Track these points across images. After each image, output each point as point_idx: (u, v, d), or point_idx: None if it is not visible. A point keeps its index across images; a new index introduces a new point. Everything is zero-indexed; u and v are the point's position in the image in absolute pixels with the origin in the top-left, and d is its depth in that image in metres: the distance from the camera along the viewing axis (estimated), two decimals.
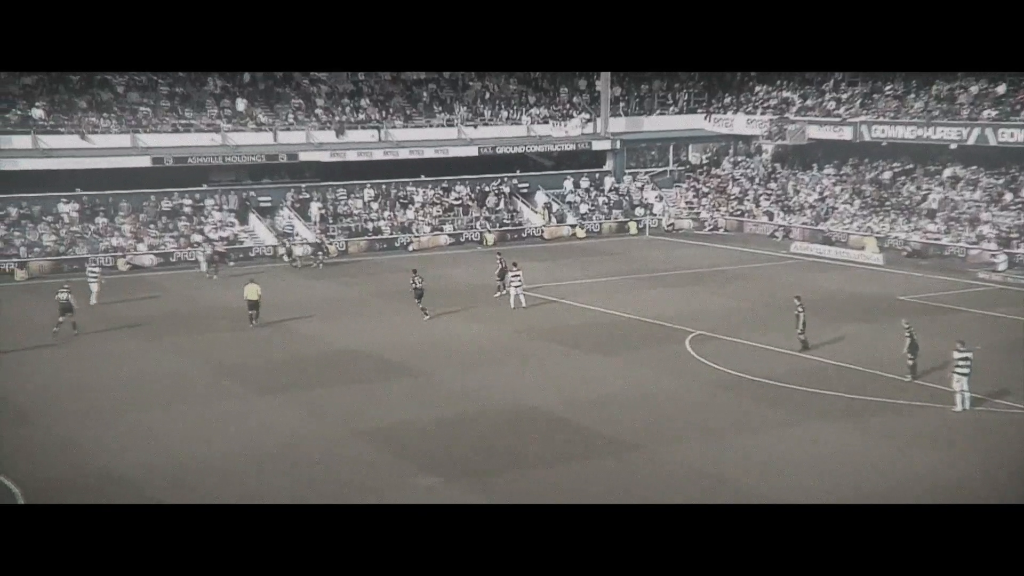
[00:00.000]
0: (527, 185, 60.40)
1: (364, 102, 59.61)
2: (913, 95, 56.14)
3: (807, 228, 54.72)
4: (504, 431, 24.00)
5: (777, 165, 62.61)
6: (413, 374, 29.06)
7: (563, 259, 49.73)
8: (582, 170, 62.47)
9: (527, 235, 56.66)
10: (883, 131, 55.13)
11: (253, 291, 34.89)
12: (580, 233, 57.23)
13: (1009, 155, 50.68)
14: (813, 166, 60.39)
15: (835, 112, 58.62)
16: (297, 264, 46.42)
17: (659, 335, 33.55)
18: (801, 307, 30.86)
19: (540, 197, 59.77)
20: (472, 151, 59.20)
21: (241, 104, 56.46)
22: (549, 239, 56.24)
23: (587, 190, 61.38)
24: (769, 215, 57.79)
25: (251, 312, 34.81)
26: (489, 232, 55.13)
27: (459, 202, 57.62)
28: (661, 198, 61.60)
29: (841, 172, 58.84)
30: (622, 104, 64.34)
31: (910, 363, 27.37)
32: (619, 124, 63.11)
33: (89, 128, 52.11)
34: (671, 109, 65.68)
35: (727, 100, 65.26)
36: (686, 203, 61.53)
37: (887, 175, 56.54)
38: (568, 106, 63.77)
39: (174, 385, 28.01)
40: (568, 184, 61.26)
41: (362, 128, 58.09)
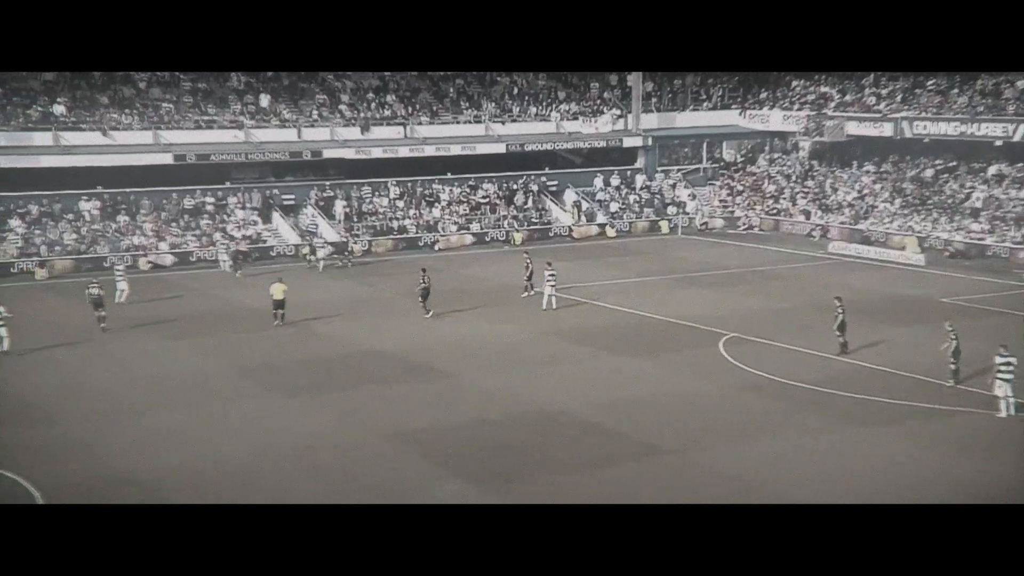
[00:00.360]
0: (556, 183, 60.37)
1: (390, 98, 59.77)
2: (957, 90, 55.60)
3: (845, 227, 54.34)
4: (531, 435, 23.97)
5: (814, 162, 62.22)
6: (438, 376, 29.09)
7: (593, 259, 49.63)
8: (613, 167, 62.36)
9: (555, 234, 56.60)
10: (925, 127, 54.62)
11: (279, 290, 35.05)
12: (610, 232, 57.12)
13: None
14: (852, 163, 59.96)
15: (875, 108, 58.18)
16: (319, 267, 46.26)
17: (692, 337, 33.42)
18: (841, 308, 30.64)
19: (569, 195, 59.70)
20: (500, 148, 59.23)
21: (265, 100, 56.77)
22: (578, 238, 56.18)
23: (618, 188, 61.26)
24: (806, 214, 57.44)
25: (276, 311, 34.97)
26: (517, 231, 55.13)
27: (486, 200, 57.65)
28: (694, 196, 61.38)
29: (881, 170, 58.38)
30: (654, 100, 64.17)
31: (952, 367, 27.09)
32: (651, 120, 62.94)
33: (111, 125, 52.58)
34: (705, 105, 65.42)
35: (763, 95, 64.93)
36: (720, 201, 61.27)
37: (929, 173, 56.03)
38: (599, 102, 63.66)
39: (195, 386, 28.18)
40: (598, 182, 61.15)
41: (387, 124, 58.27)
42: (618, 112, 62.78)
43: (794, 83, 64.21)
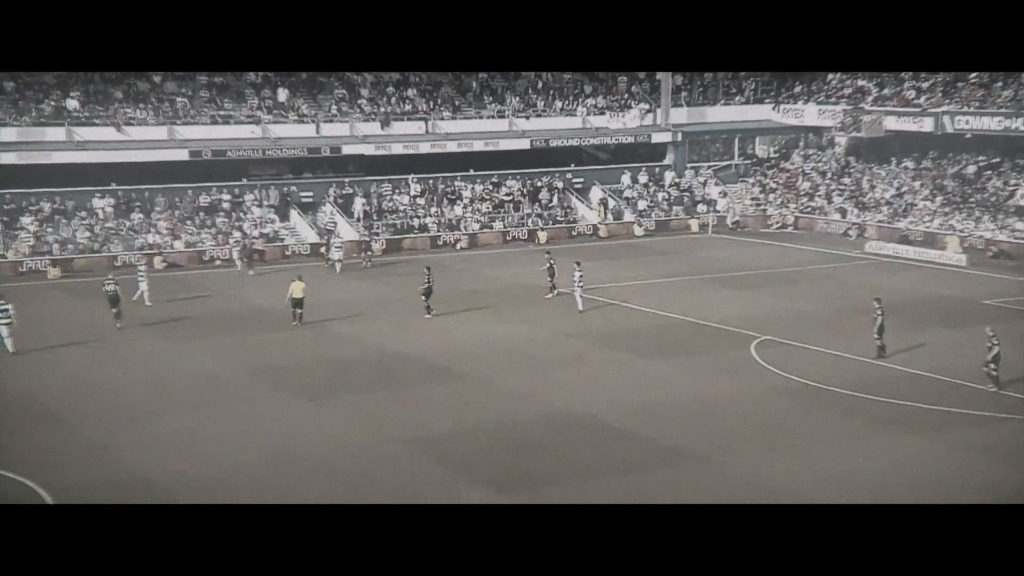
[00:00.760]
0: (582, 180, 60.30)
1: (411, 92, 59.89)
2: (1000, 83, 55.09)
3: (883, 226, 54.02)
4: (555, 439, 23.94)
5: (851, 159, 61.86)
6: (459, 378, 29.11)
7: (620, 258, 49.55)
8: (641, 164, 62.24)
9: (579, 233, 56.51)
10: (967, 122, 54.16)
11: (299, 288, 35.15)
12: (638, 231, 57.00)
13: None
14: (890, 160, 59.57)
15: (915, 102, 57.73)
16: (336, 269, 46.16)
17: (722, 340, 33.30)
18: (880, 311, 30.43)
19: (596, 193, 59.63)
20: (524, 144, 59.22)
21: (282, 94, 56.98)
22: (605, 237, 56.12)
23: (646, 185, 61.12)
24: (842, 212, 57.14)
25: (295, 310, 35.08)
26: (541, 230, 55.10)
27: (510, 198, 57.66)
28: (725, 194, 61.16)
29: (921, 166, 57.96)
30: (684, 94, 63.96)
31: (993, 373, 26.87)
32: (681, 115, 62.76)
33: (125, 120, 52.94)
34: (737, 99, 65.15)
35: (797, 89, 64.60)
36: (752, 199, 61.04)
37: (971, 169, 55.58)
38: (626, 96, 63.53)
39: (210, 387, 28.33)
40: (626, 179, 61.03)
41: (408, 120, 58.36)
42: (646, 107, 62.62)
43: (830, 76, 63.84)
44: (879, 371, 29.29)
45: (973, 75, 56.97)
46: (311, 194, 55.13)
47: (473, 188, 57.61)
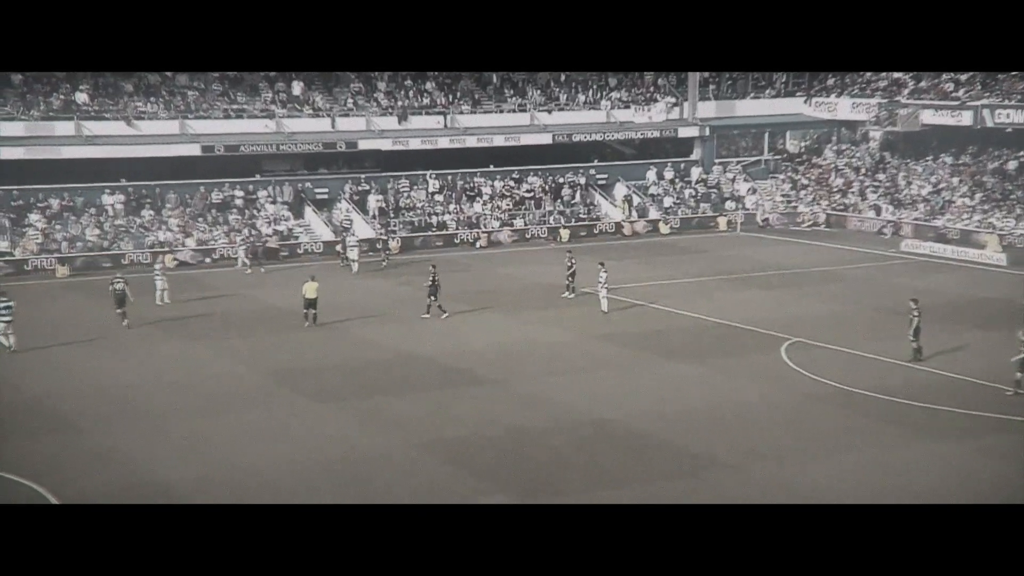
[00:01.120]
0: (606, 176, 60.27)
1: (429, 85, 60.00)
2: None
3: (919, 224, 53.78)
4: (580, 446, 23.92)
5: (886, 154, 61.60)
6: (480, 382, 29.14)
7: (645, 257, 49.49)
8: (667, 160, 62.16)
9: (601, 231, 56.46)
10: (1008, 115, 53.81)
11: (312, 289, 35.24)
12: (664, 229, 56.93)
13: None
14: (927, 155, 59.28)
15: (953, 95, 57.41)
16: (353, 268, 46.16)
17: (751, 342, 33.23)
18: (917, 312, 30.30)
19: (620, 189, 59.59)
20: (546, 139, 59.23)
21: (297, 87, 57.20)
22: (629, 235, 56.07)
23: (672, 182, 61.04)
24: (876, 209, 56.92)
25: (308, 311, 35.18)
26: (564, 227, 55.10)
27: (531, 195, 57.68)
28: (754, 190, 61.00)
29: (959, 162, 57.66)
30: (712, 87, 63.82)
31: (1018, 377, 26.81)
32: (708, 109, 62.64)
33: (135, 114, 53.26)
34: (767, 92, 64.99)
35: (830, 82, 64.35)
36: (782, 196, 60.86)
37: (1012, 165, 55.23)
38: (652, 89, 63.45)
39: (222, 390, 28.47)
40: (651, 175, 60.96)
41: (426, 114, 58.50)
42: (673, 100, 62.52)
43: None
44: (914, 375, 29.17)
45: None
46: (326, 191, 55.30)
47: (493, 185, 57.65)
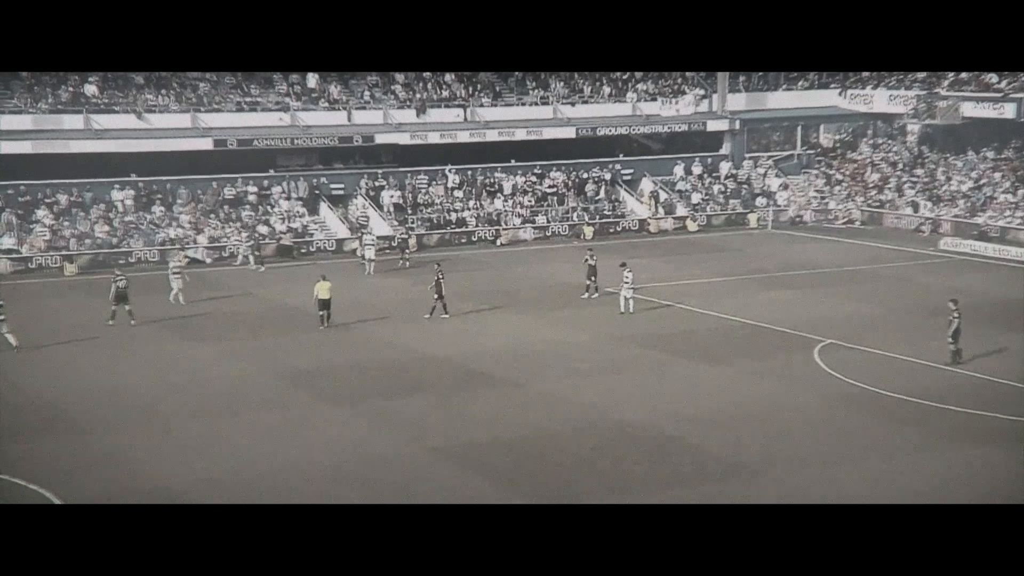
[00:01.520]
0: (631, 171, 60.15)
1: (448, 77, 60.03)
2: None
3: (959, 221, 53.47)
4: (602, 450, 23.89)
5: (924, 148, 61.26)
6: (499, 384, 29.14)
7: (672, 256, 49.39)
8: (695, 154, 61.97)
9: (624, 229, 56.34)
10: None
11: (324, 288, 35.28)
12: (691, 226, 56.77)
13: None
14: (968, 149, 58.89)
15: (995, 86, 56.99)
16: (368, 269, 45.93)
17: (783, 343, 33.13)
18: (957, 313, 30.12)
19: (646, 185, 59.47)
20: (569, 133, 59.18)
21: (312, 80, 57.31)
22: (655, 233, 55.94)
23: (700, 177, 60.87)
24: (914, 206, 56.61)
25: (322, 313, 35.21)
26: (587, 225, 55.03)
27: (554, 190, 57.64)
28: (786, 186, 60.76)
29: (1001, 156, 57.25)
30: (742, 78, 63.53)
31: None
32: (738, 101, 62.41)
33: (146, 107, 53.51)
34: (800, 84, 64.67)
35: (866, 73, 63.98)
36: (816, 192, 60.59)
37: None
38: (680, 81, 63.25)
39: (235, 392, 28.57)
40: (679, 170, 60.81)
41: (446, 107, 58.53)
42: (701, 92, 62.32)
43: None
44: (953, 378, 29.01)
45: None
46: (342, 186, 55.40)
47: (514, 180, 57.62)
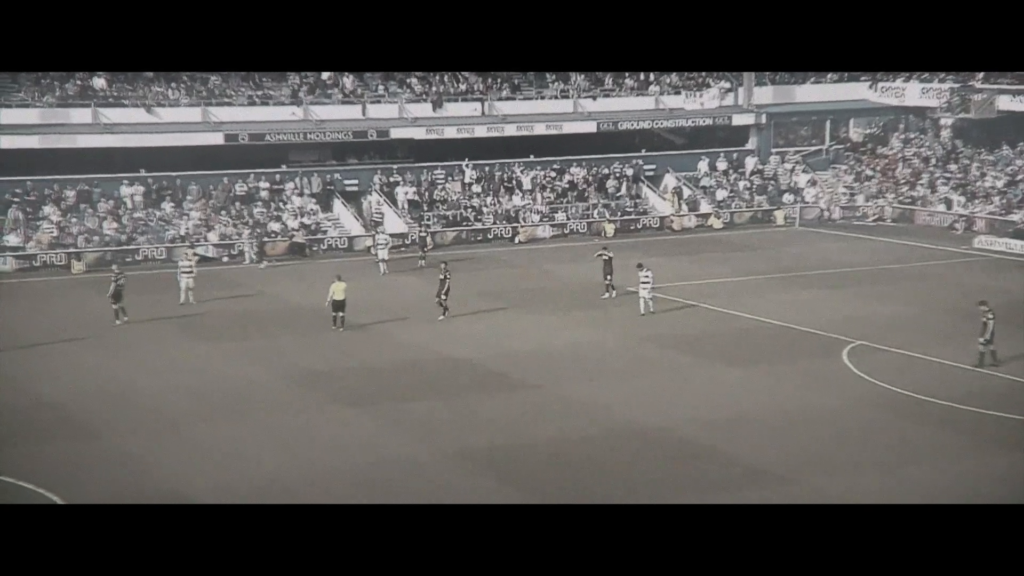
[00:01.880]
0: (654, 167, 59.98)
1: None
2: None
3: (994, 219, 53.20)
4: (623, 455, 23.86)
5: (958, 143, 60.93)
6: (517, 386, 29.11)
7: (696, 254, 49.30)
8: (720, 149, 61.81)
9: (645, 226, 56.21)
10: None
11: (339, 289, 35.16)
12: (716, 223, 56.60)
13: None
14: (1003, 144, 58.54)
15: None
16: (382, 269, 45.51)
17: (811, 345, 33.03)
18: (990, 314, 29.92)
19: (669, 181, 59.30)
20: (590, 127, 59.08)
21: (325, 72, 57.30)
22: (679, 230, 55.80)
23: (725, 173, 60.68)
24: (947, 203, 56.33)
25: (336, 314, 35.11)
26: (609, 222, 54.91)
27: (574, 186, 57.53)
28: (814, 182, 60.52)
29: None
30: (769, 71, 63.29)
31: None
32: (765, 95, 62.16)
33: (155, 100, 53.66)
34: (828, 76, 64.34)
35: None
36: (845, 188, 60.33)
37: None
38: (704, 73, 63.03)
39: (247, 395, 28.60)
40: (703, 166, 60.64)
41: (463, 100, 58.52)
42: (727, 85, 62.11)
43: None
44: (987, 381, 28.86)
45: None
46: (356, 182, 55.41)
47: (533, 176, 57.55)
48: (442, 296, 36.43)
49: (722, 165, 60.94)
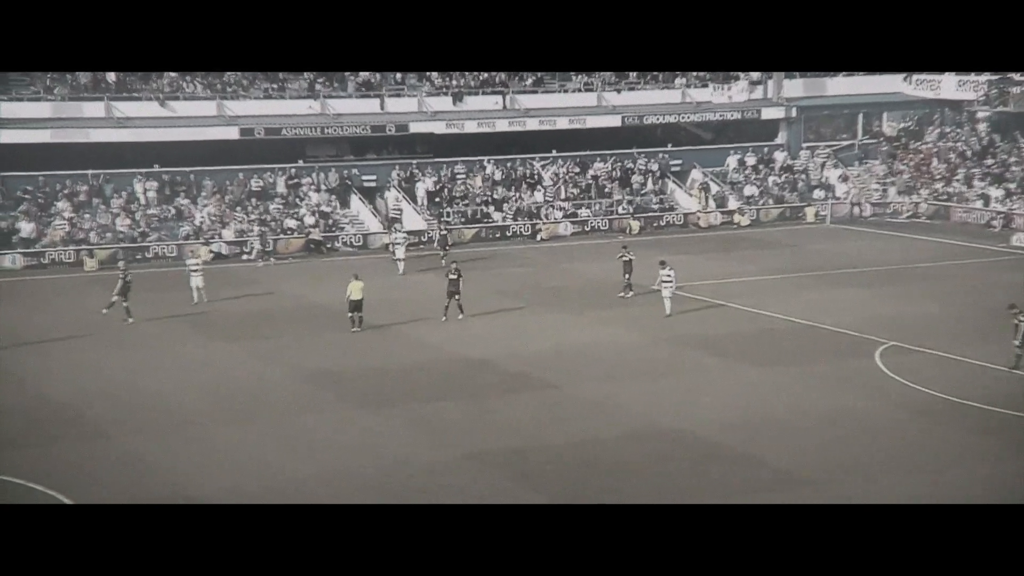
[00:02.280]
0: (680, 162, 59.95)
1: None
2: None
3: None
4: (647, 458, 23.82)
5: (996, 136, 60.57)
6: (538, 387, 29.12)
7: (723, 252, 49.26)
8: (749, 144, 61.66)
9: (668, 223, 56.14)
10: None
11: (357, 288, 35.11)
12: (744, 220, 56.48)
13: None
14: None
15: None
16: (399, 269, 45.30)
17: (841, 346, 32.93)
18: (1021, 316, 29.73)
19: (696, 177, 59.20)
20: (614, 121, 59.04)
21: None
22: (705, 228, 55.71)
23: (754, 168, 60.52)
24: (984, 199, 56.06)
25: (353, 315, 35.00)
26: (633, 219, 54.84)
27: (598, 182, 57.47)
28: (846, 178, 60.32)
29: None
30: None
31: None
32: (795, 87, 61.95)
33: (169, 94, 53.86)
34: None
35: None
36: (878, 184, 60.09)
37: None
38: None
39: (262, 396, 28.67)
40: (731, 161, 60.51)
41: (483, 94, 58.54)
42: (756, 78, 61.89)
43: None
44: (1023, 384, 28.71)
45: None
46: (374, 177, 55.54)
47: (556, 171, 57.52)
48: (456, 297, 36.36)
49: (751, 160, 60.82)
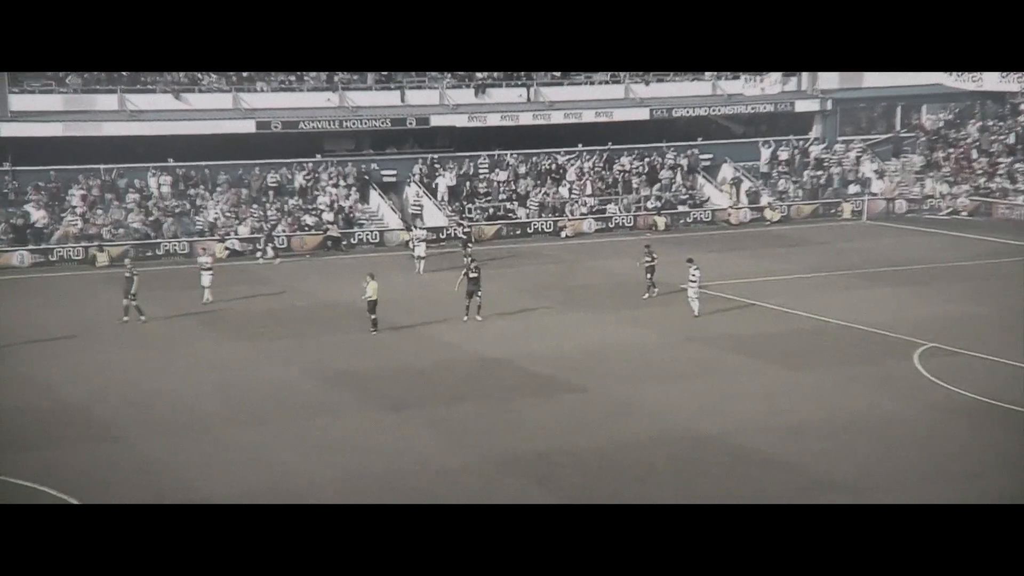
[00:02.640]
0: (711, 156, 59.75)
1: None
2: None
3: None
4: (675, 463, 23.73)
5: None
6: (563, 389, 29.05)
7: (754, 249, 49.20)
8: (782, 137, 61.45)
9: (696, 219, 55.96)
10: None
11: (373, 288, 34.93)
12: (775, 216, 56.23)
13: None
14: None
15: None
16: (419, 268, 44.98)
17: (878, 347, 32.77)
18: None
19: (727, 171, 58.99)
20: (642, 114, 58.91)
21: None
22: (736, 224, 55.53)
23: (787, 163, 60.25)
24: None
25: (372, 316, 34.73)
26: (660, 215, 54.66)
27: (624, 177, 57.31)
28: (883, 173, 60.02)
29: None
30: None
31: None
32: (831, 79, 61.65)
33: (184, 86, 53.95)
34: None
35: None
36: (916, 179, 59.74)
37: None
38: None
39: (280, 397, 28.66)
40: (764, 155, 60.22)
41: (507, 86, 58.48)
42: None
43: None
44: None
45: None
46: (394, 172, 55.55)
47: (581, 166, 57.37)
48: (477, 296, 36.21)
49: (784, 154, 60.57)
